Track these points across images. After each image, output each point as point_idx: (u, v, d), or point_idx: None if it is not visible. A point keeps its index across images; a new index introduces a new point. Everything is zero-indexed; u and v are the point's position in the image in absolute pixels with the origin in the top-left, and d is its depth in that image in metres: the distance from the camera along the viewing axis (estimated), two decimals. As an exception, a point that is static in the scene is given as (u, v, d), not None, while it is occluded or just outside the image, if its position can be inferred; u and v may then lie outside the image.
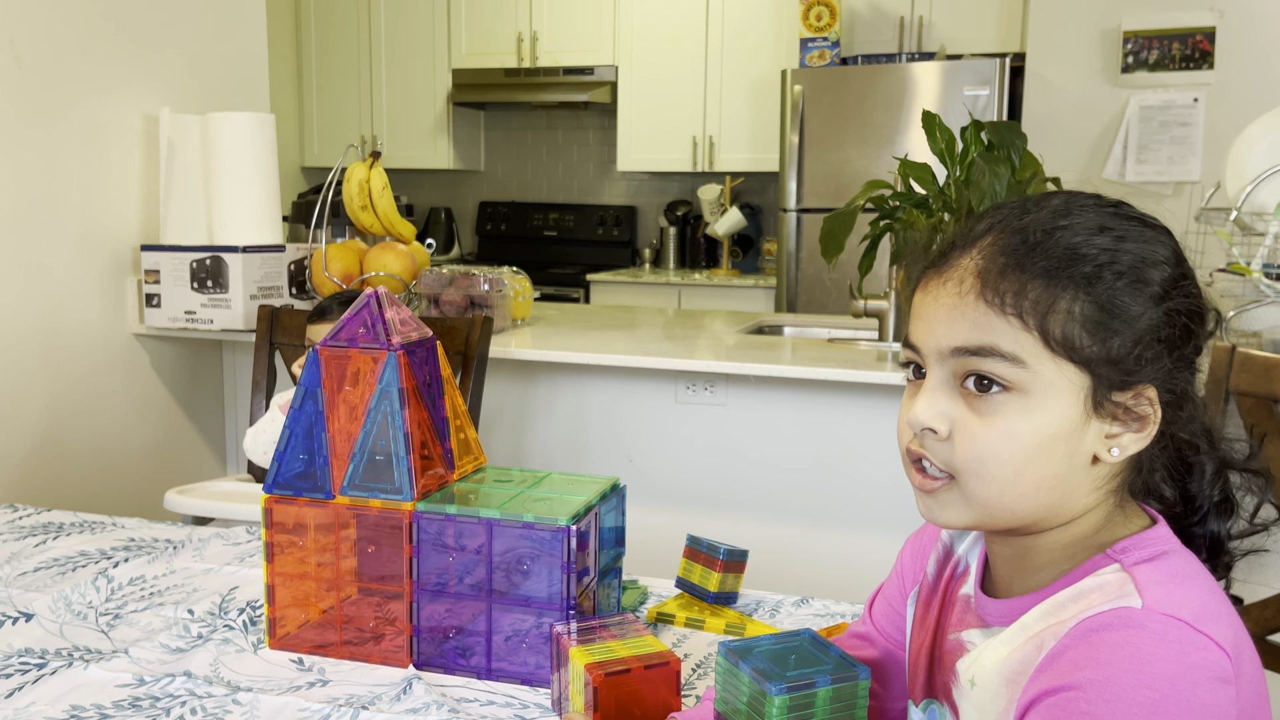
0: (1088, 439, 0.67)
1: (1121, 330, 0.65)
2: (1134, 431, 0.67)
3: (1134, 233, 0.68)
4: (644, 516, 2.20)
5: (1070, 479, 0.68)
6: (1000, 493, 0.68)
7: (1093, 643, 0.63)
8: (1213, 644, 0.62)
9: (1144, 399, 0.67)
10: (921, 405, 0.69)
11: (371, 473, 1.04)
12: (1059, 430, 0.66)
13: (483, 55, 4.60)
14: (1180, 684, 0.60)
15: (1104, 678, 0.61)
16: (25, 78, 2.11)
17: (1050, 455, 0.67)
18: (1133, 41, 3.43)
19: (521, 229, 4.92)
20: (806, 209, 3.76)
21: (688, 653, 1.09)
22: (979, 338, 0.66)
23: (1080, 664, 0.62)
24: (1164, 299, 0.66)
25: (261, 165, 2.35)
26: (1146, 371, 0.66)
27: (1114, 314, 0.65)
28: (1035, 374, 0.66)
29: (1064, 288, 0.65)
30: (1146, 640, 0.61)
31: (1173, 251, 0.69)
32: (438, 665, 1.04)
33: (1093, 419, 0.67)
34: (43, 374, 2.18)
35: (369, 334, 1.04)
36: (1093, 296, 0.65)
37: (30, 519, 1.48)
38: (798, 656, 0.84)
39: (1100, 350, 0.65)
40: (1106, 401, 0.66)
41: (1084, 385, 0.66)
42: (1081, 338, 0.65)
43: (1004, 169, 1.63)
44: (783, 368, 2.01)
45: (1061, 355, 0.65)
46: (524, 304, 2.47)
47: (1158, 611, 0.62)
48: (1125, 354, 0.65)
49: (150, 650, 1.06)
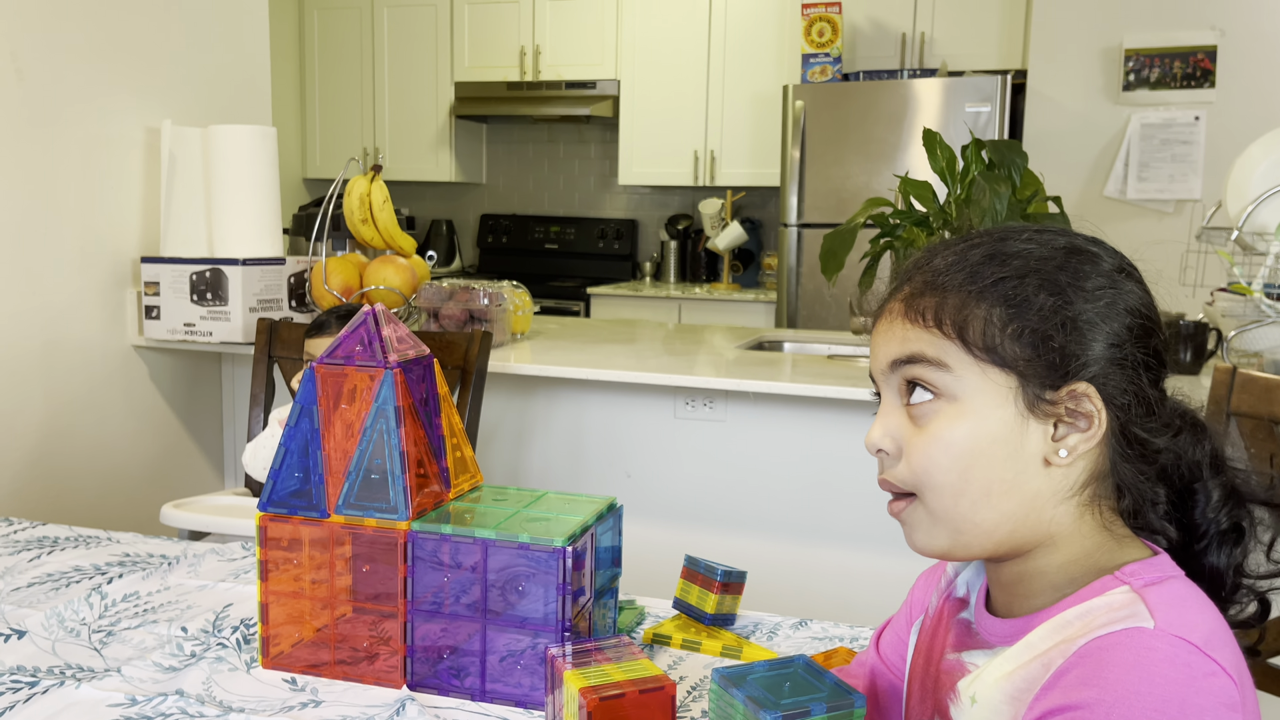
0: (1031, 441, 0.68)
1: (1039, 327, 0.67)
2: (1080, 431, 0.68)
3: (1046, 239, 0.70)
4: (642, 533, 2.20)
5: (1024, 484, 0.69)
6: (954, 502, 0.70)
7: (1102, 661, 0.62)
8: (1221, 670, 0.61)
9: (1082, 397, 0.67)
10: (873, 428, 0.73)
11: (367, 491, 1.04)
12: (994, 432, 0.68)
13: (485, 69, 4.61)
14: (1189, 708, 0.59)
15: (1113, 698, 0.60)
16: (27, 90, 2.11)
17: (991, 458, 0.68)
18: (1134, 60, 3.44)
19: (522, 242, 4.93)
20: (807, 224, 3.76)
21: (684, 675, 1.08)
22: (907, 348, 0.71)
23: (1088, 682, 0.62)
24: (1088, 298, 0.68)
25: (262, 178, 2.36)
26: (1075, 368, 0.67)
27: (1028, 312, 0.68)
28: (960, 378, 0.69)
29: (978, 297, 0.69)
30: (1158, 662, 0.61)
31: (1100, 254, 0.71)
32: (431, 686, 1.03)
33: (1031, 419, 0.68)
34: (41, 384, 2.17)
35: (366, 351, 1.04)
36: (1005, 299, 0.68)
37: (25, 533, 1.47)
38: (792, 684, 0.83)
39: (1020, 350, 0.68)
40: (1040, 401, 0.68)
41: (1012, 386, 0.68)
42: (1000, 339, 0.68)
43: (1004, 187, 1.63)
44: (783, 384, 2.00)
45: (985, 359, 0.68)
46: (524, 318, 2.47)
47: (1169, 634, 0.62)
48: (1047, 351, 0.67)
49: (143, 669, 1.05)
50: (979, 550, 0.72)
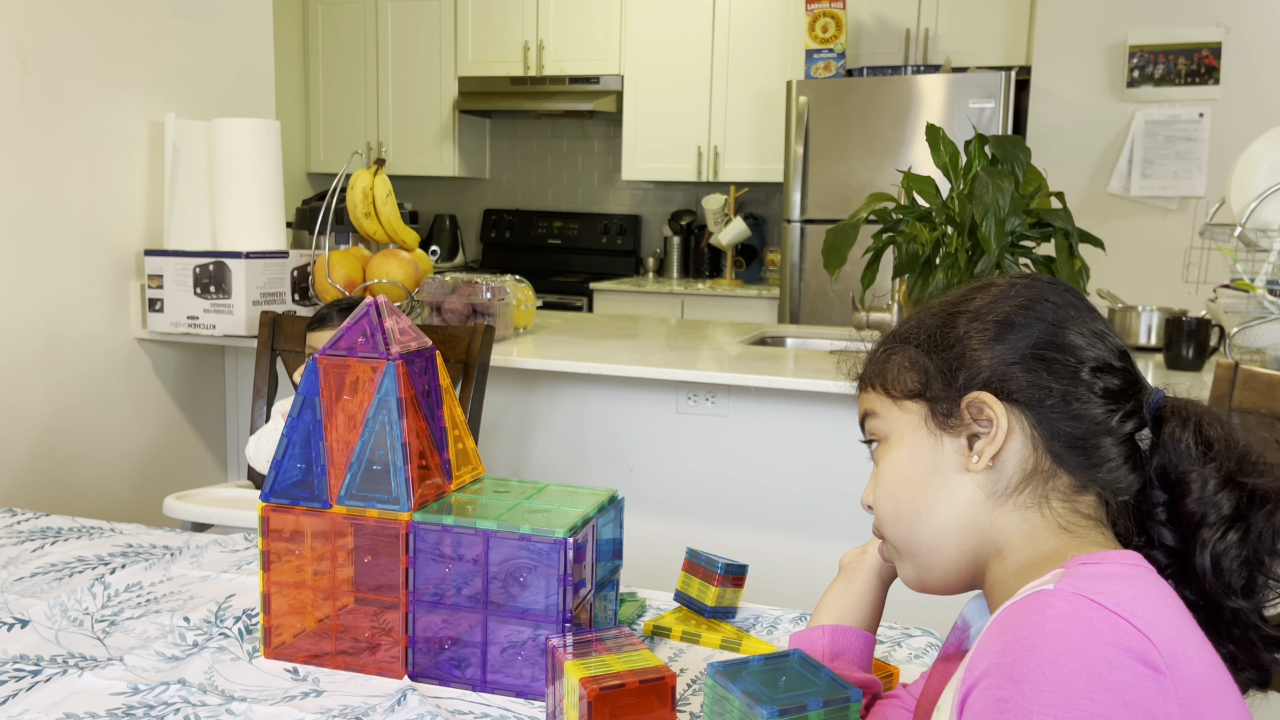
0: (948, 456, 0.76)
1: (927, 351, 0.77)
2: (986, 434, 0.74)
3: (944, 304, 0.80)
4: (644, 527, 2.20)
5: (951, 497, 0.75)
6: (895, 528, 0.78)
7: (1005, 626, 0.63)
8: (1129, 626, 0.60)
9: (982, 403, 0.73)
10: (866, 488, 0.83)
11: (369, 482, 1.04)
12: (911, 454, 0.77)
13: (489, 63, 4.61)
14: (1090, 659, 0.58)
15: (1011, 658, 0.60)
16: (31, 83, 2.11)
17: (913, 479, 0.77)
18: (1139, 56, 3.43)
19: (526, 237, 4.93)
20: (810, 220, 3.76)
21: (684, 667, 1.09)
22: (860, 411, 0.83)
23: (993, 649, 0.63)
24: (974, 316, 0.76)
25: (266, 171, 2.36)
26: (966, 380, 0.74)
27: (931, 348, 0.77)
28: (886, 420, 0.80)
29: (894, 351, 0.80)
30: (1053, 617, 0.61)
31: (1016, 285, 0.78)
32: (433, 676, 1.04)
33: (944, 436, 0.76)
34: (44, 377, 2.18)
35: (368, 343, 1.04)
36: (906, 341, 0.79)
37: (28, 524, 1.48)
38: (788, 678, 0.83)
39: (917, 376, 0.77)
40: (946, 417, 0.75)
41: (921, 411, 0.77)
42: (908, 376, 0.78)
43: (1007, 183, 1.63)
44: (785, 379, 2.00)
45: (900, 397, 0.78)
46: (526, 312, 2.47)
47: (1068, 591, 0.62)
48: (935, 370, 0.76)
49: (145, 658, 1.06)
50: (942, 574, 0.77)
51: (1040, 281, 0.79)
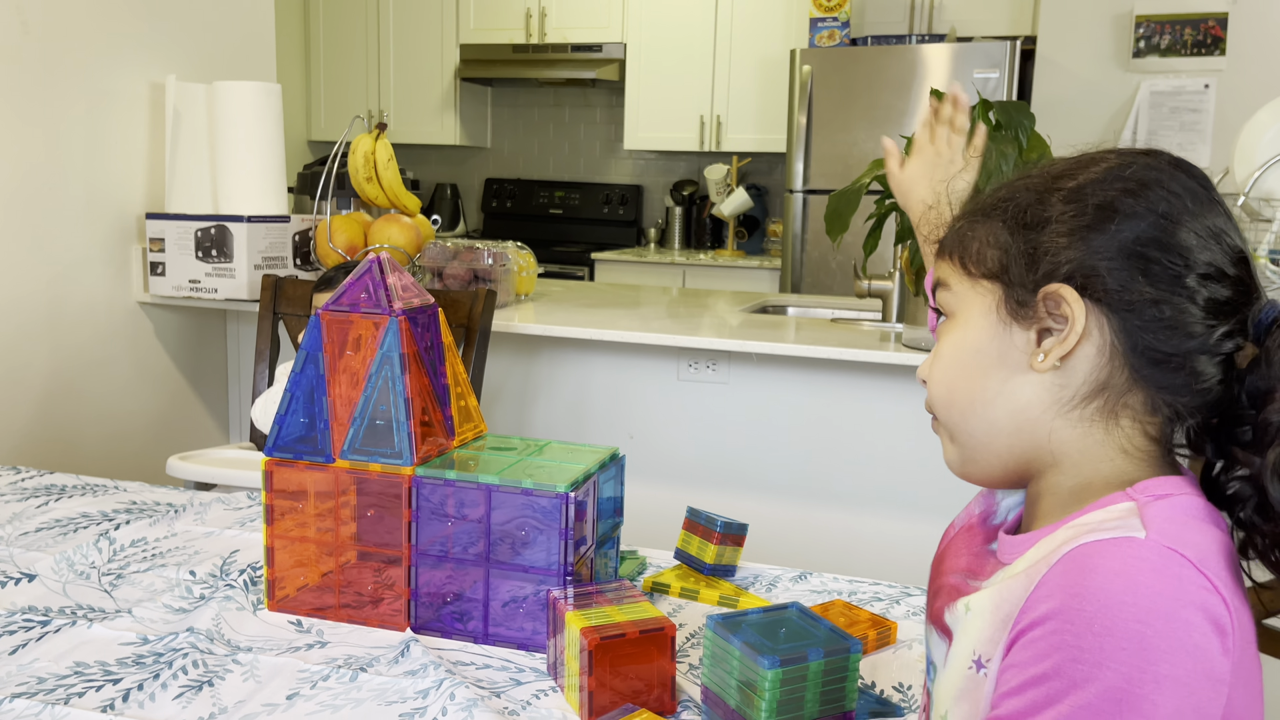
0: (1014, 349, 0.69)
1: (1012, 228, 0.69)
2: (1058, 335, 0.66)
3: (1044, 178, 0.70)
4: (644, 493, 2.21)
5: (1011, 395, 0.69)
6: (947, 413, 0.72)
7: (1085, 568, 0.60)
8: (1213, 588, 0.58)
9: (1056, 297, 0.66)
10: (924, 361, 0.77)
11: (372, 437, 1.05)
12: (976, 341, 0.70)
13: (491, 31, 4.58)
14: (1175, 621, 0.57)
15: (1094, 607, 0.58)
16: (32, 44, 2.10)
17: (974, 368, 0.70)
18: (1145, 26, 3.41)
19: (527, 206, 4.92)
20: (813, 190, 3.75)
21: (682, 622, 1.10)
22: (934, 278, 0.76)
23: (1069, 590, 0.60)
24: (1072, 197, 0.67)
25: (267, 135, 2.35)
26: (1049, 268, 0.66)
27: (1017, 226, 0.69)
28: (958, 295, 0.72)
29: (981, 220, 0.72)
30: (1145, 572, 0.58)
31: (1126, 163, 0.68)
32: (435, 629, 1.05)
33: (1014, 326, 0.68)
34: (47, 341, 2.19)
35: (370, 299, 1.05)
36: (995, 215, 0.71)
37: (32, 481, 1.49)
38: (787, 629, 0.84)
39: (1004, 257, 0.69)
40: (1021, 306, 0.68)
41: (996, 293, 0.70)
42: (990, 253, 0.70)
43: (1011, 149, 1.62)
44: (785, 346, 2.01)
45: (976, 274, 0.71)
46: (528, 279, 2.47)
47: (1160, 544, 0.59)
48: (1018, 252, 0.68)
49: (153, 610, 1.07)
50: (987, 468, 0.72)
51: (1161, 161, 0.68)
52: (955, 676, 0.68)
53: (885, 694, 0.94)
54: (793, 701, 0.78)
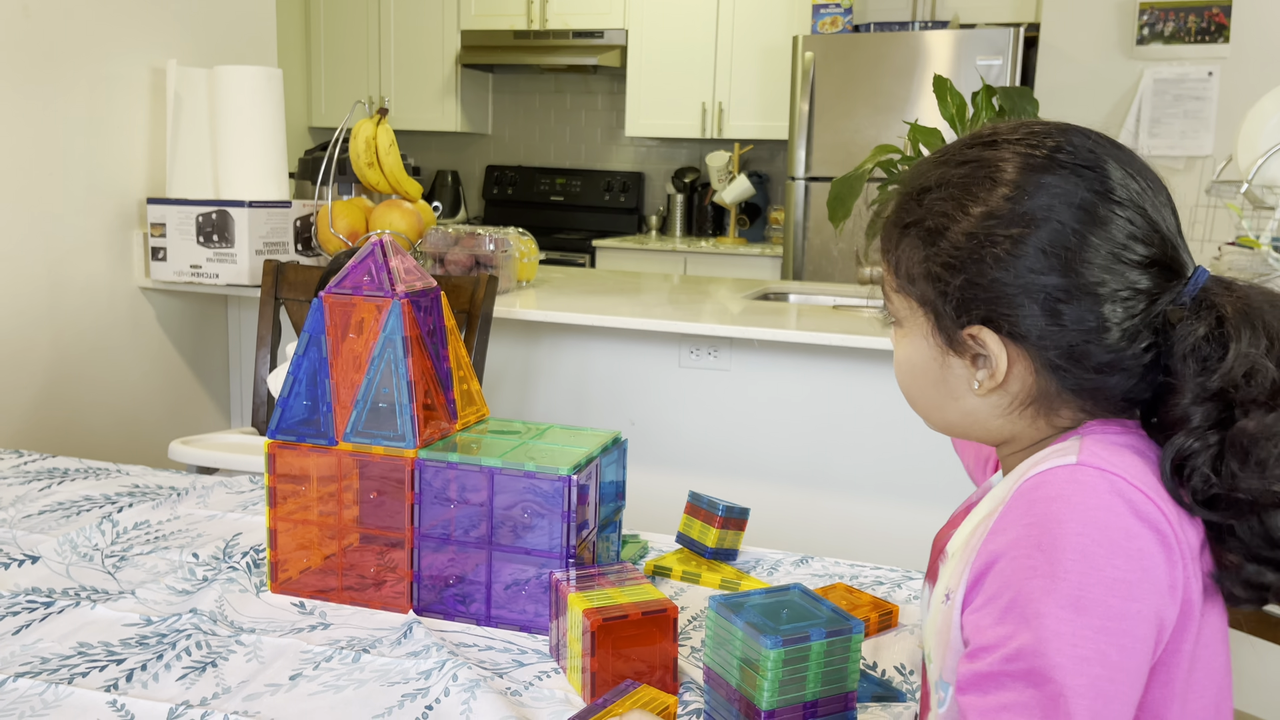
0: (954, 372, 0.73)
1: (942, 272, 0.69)
2: (986, 369, 0.71)
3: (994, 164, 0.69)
4: (646, 479, 2.21)
5: (958, 404, 0.74)
6: (913, 406, 0.78)
7: (1030, 499, 0.65)
8: (1144, 496, 0.63)
9: (977, 339, 0.70)
10: None
11: (375, 420, 1.05)
12: (922, 360, 0.74)
13: (492, 16, 4.56)
14: (1111, 529, 0.62)
15: (1038, 531, 0.63)
16: (32, 28, 2.10)
17: (923, 380, 0.75)
18: (1148, 13, 3.40)
19: (528, 193, 4.91)
20: (815, 177, 3.74)
21: (684, 605, 1.10)
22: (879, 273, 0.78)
23: (1018, 523, 0.65)
24: (984, 243, 0.67)
25: (268, 120, 2.35)
26: (971, 312, 0.69)
27: (936, 256, 0.70)
28: (899, 309, 0.75)
29: (905, 233, 0.73)
30: (1078, 491, 0.63)
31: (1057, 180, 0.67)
32: (437, 611, 1.05)
33: (950, 354, 0.72)
34: (48, 325, 2.19)
35: (373, 282, 1.05)
36: (921, 239, 0.71)
37: (35, 464, 1.49)
38: (789, 610, 0.85)
39: (929, 290, 0.71)
40: (951, 339, 0.71)
41: (930, 320, 0.72)
42: (918, 278, 0.72)
43: (1014, 135, 1.62)
44: (786, 332, 2.01)
45: (909, 294, 0.73)
46: (529, 265, 2.47)
47: (1090, 466, 0.64)
48: (950, 293, 0.69)
49: (156, 591, 1.07)
50: (953, 436, 0.79)
51: (1058, 177, 0.67)
52: (934, 615, 0.73)
53: (887, 675, 0.95)
54: (795, 681, 0.78)
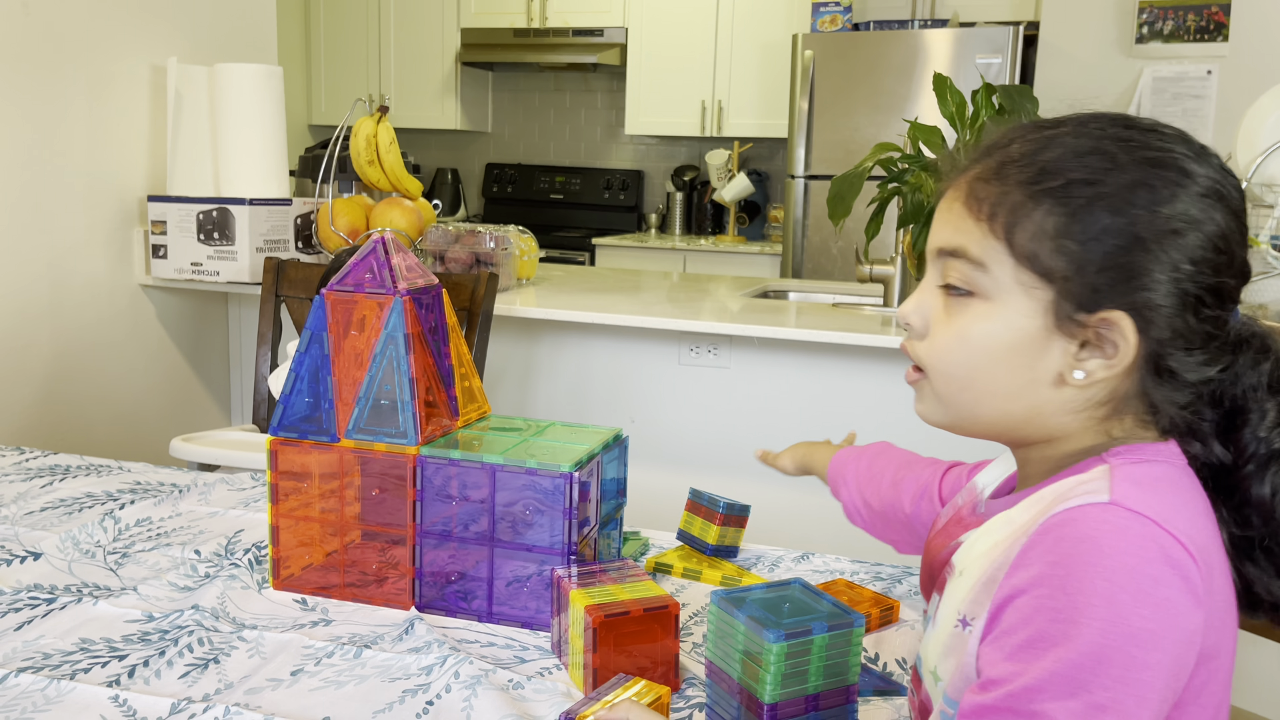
0: (1051, 357, 0.67)
1: (1090, 248, 0.64)
2: (1103, 358, 0.66)
3: (1133, 162, 0.65)
4: (646, 476, 2.22)
5: (1032, 395, 0.68)
6: (959, 391, 0.70)
7: (1057, 537, 0.63)
8: (1176, 542, 0.61)
9: (1114, 326, 0.65)
10: (908, 302, 0.73)
11: (376, 417, 1.05)
12: (1013, 340, 0.67)
13: (492, 14, 4.56)
14: (1140, 576, 0.60)
15: (1066, 572, 0.61)
16: (32, 25, 2.10)
17: (1005, 364, 0.68)
18: (1148, 12, 3.40)
19: (528, 191, 4.91)
20: (814, 176, 3.74)
21: (685, 602, 1.10)
22: (955, 239, 0.69)
23: (1044, 559, 0.63)
24: (1153, 224, 0.64)
25: (269, 117, 2.35)
26: (1114, 296, 0.64)
27: (1085, 231, 0.64)
28: (996, 281, 0.67)
29: (1039, 200, 0.66)
30: (1107, 534, 0.61)
31: (1193, 173, 0.65)
32: (439, 608, 1.05)
33: (1056, 336, 0.66)
34: (49, 323, 2.19)
35: (375, 279, 1.05)
36: (1066, 211, 0.65)
37: (37, 461, 1.49)
38: (791, 605, 0.85)
39: (1064, 265, 0.65)
40: (1069, 320, 0.66)
41: (1046, 299, 0.66)
42: (1047, 250, 0.65)
43: (1014, 133, 1.62)
44: (786, 330, 2.01)
45: (1025, 266, 0.66)
46: (529, 263, 2.47)
47: (1121, 506, 0.62)
48: (1092, 273, 0.64)
49: (158, 588, 1.08)
50: (973, 433, 0.73)
51: (1221, 166, 0.66)
52: (942, 633, 0.71)
53: (888, 669, 0.95)
54: (797, 675, 0.78)
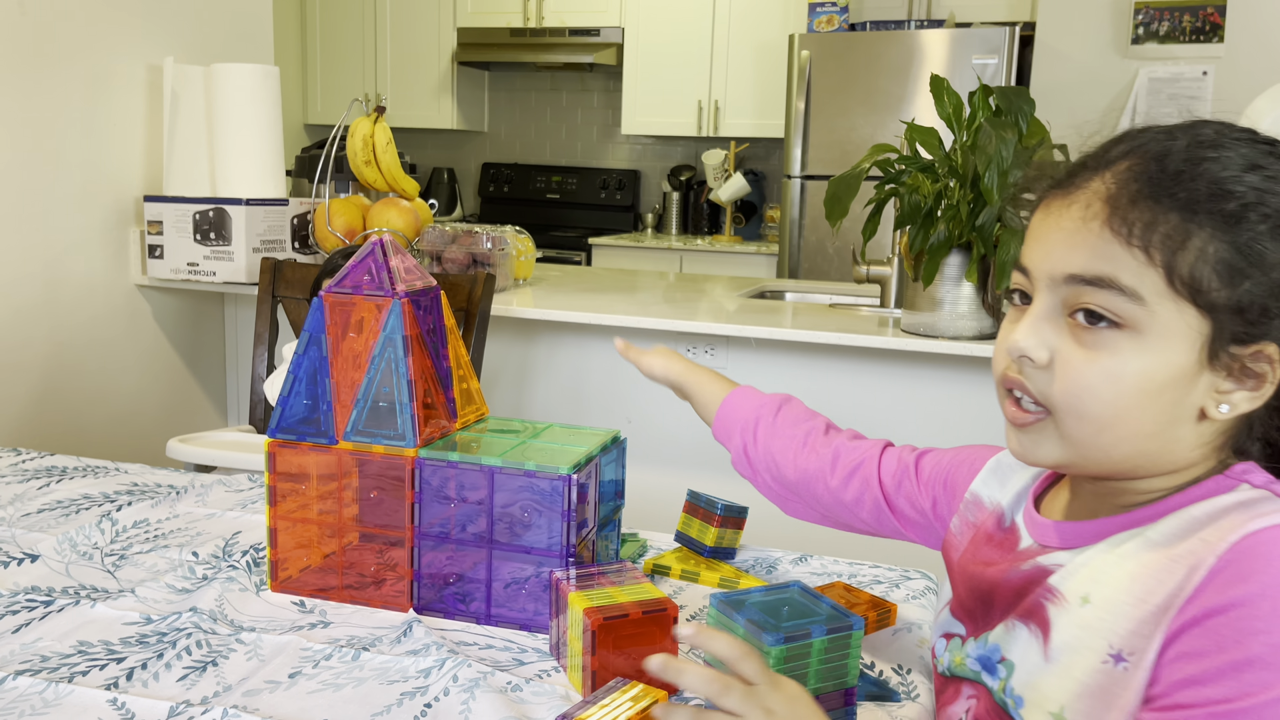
0: (1197, 391, 0.63)
1: (1255, 278, 0.60)
2: (1248, 390, 0.63)
3: None
4: (643, 477, 2.22)
5: (1172, 431, 0.64)
6: (1096, 433, 0.64)
7: (1258, 556, 0.59)
8: None
9: (1263, 356, 0.62)
10: (1024, 331, 0.66)
11: (375, 419, 1.05)
12: (1167, 377, 0.62)
13: (488, 14, 4.56)
14: None
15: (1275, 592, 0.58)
16: (29, 25, 2.09)
17: (1154, 402, 0.63)
18: (1143, 13, 3.41)
19: (524, 191, 4.91)
20: (811, 176, 3.74)
21: (683, 604, 1.11)
22: (1098, 267, 0.62)
23: (1246, 579, 0.59)
24: None
25: (265, 117, 2.34)
26: (1272, 326, 0.61)
27: (1250, 259, 0.60)
28: (1152, 313, 0.61)
29: (1200, 225, 0.61)
30: None
31: None
32: (437, 610, 1.05)
33: (1205, 371, 0.63)
34: (45, 323, 2.18)
35: (373, 281, 1.05)
36: (1230, 237, 0.60)
37: (33, 462, 1.49)
38: (790, 607, 0.85)
39: (1228, 297, 0.61)
40: (1223, 353, 0.62)
41: (1203, 333, 0.62)
42: (1210, 281, 0.61)
43: (1011, 134, 1.63)
44: (783, 330, 2.01)
45: (1184, 297, 0.61)
46: (526, 263, 2.47)
47: None
48: (1253, 304, 0.61)
49: (156, 590, 1.08)
50: (1090, 472, 0.68)
51: None
52: (1076, 671, 0.65)
53: (884, 675, 0.95)
54: (796, 678, 0.78)
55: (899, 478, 0.94)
